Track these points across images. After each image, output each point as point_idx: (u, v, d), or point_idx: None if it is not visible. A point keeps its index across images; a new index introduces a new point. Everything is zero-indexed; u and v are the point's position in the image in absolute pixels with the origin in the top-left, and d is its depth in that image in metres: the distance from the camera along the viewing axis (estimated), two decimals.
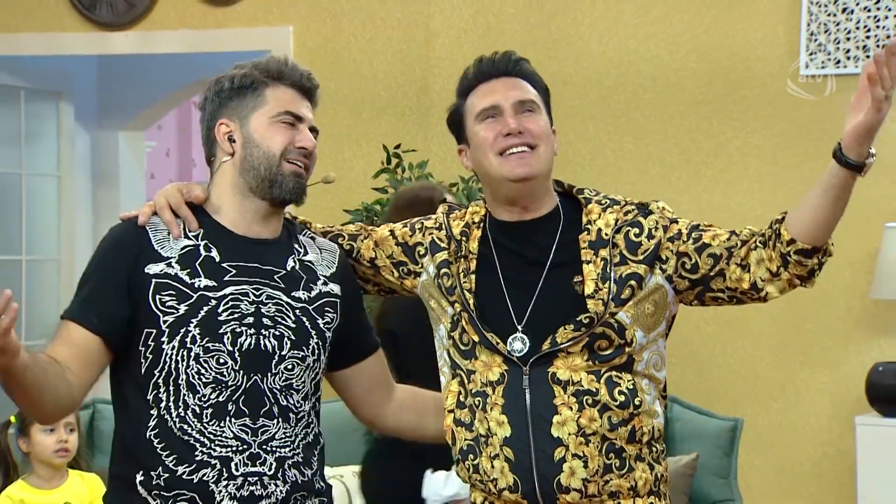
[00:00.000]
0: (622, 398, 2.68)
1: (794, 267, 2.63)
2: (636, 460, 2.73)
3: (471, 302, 2.75)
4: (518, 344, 2.73)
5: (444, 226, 2.88)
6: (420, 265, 2.89)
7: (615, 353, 2.69)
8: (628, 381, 2.70)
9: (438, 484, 4.08)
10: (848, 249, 6.02)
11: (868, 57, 6.03)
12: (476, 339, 2.76)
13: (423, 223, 2.93)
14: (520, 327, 2.73)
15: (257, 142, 2.78)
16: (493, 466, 2.74)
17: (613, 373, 2.69)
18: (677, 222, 2.75)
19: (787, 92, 6.34)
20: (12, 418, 4.73)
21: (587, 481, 2.69)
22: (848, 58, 6.20)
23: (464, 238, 2.84)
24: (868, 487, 5.81)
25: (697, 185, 6.40)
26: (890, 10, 6.13)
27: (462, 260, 2.82)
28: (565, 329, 2.67)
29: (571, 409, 2.69)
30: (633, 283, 2.69)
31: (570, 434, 2.69)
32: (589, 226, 2.76)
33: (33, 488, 4.63)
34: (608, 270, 2.71)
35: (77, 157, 8.62)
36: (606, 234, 2.74)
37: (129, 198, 9.11)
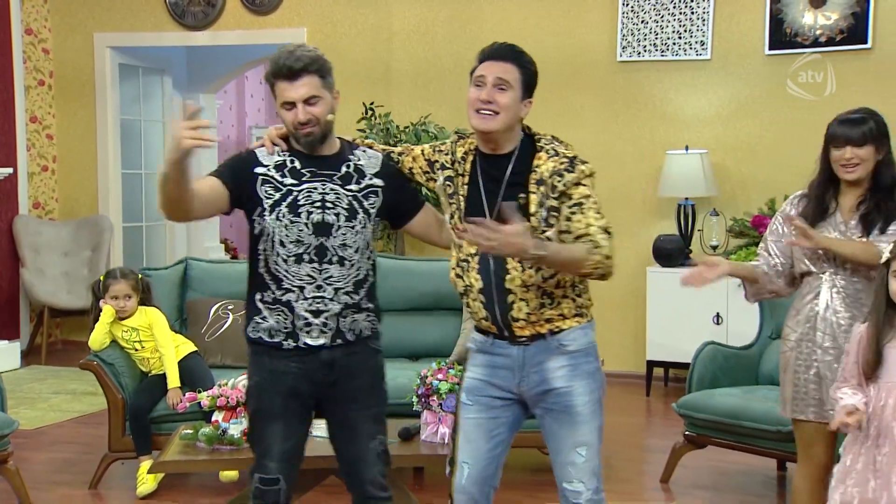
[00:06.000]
0: None
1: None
2: (562, 298, 2.74)
3: (462, 205, 2.77)
4: None
5: (450, 151, 2.83)
6: (436, 174, 2.86)
7: None
8: None
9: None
10: (644, 167, 6.54)
11: (656, 49, 6.37)
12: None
13: (439, 148, 2.88)
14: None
15: (283, 121, 2.84)
16: (475, 305, 2.79)
17: None
18: (578, 187, 2.65)
19: (611, 73, 6.48)
20: (101, 277, 4.53)
21: (529, 314, 2.73)
22: (645, 50, 6.46)
23: (463, 160, 2.80)
24: (653, 311, 6.19)
25: (555, 130, 5.39)
26: (669, 22, 6.40)
27: (460, 176, 2.80)
28: None
29: (517, 270, 2.70)
30: (554, 213, 2.67)
31: (516, 286, 2.71)
32: (536, 168, 2.69)
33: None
34: (543, 200, 2.67)
35: (174, 110, 8.58)
36: (544, 176, 2.68)
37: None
